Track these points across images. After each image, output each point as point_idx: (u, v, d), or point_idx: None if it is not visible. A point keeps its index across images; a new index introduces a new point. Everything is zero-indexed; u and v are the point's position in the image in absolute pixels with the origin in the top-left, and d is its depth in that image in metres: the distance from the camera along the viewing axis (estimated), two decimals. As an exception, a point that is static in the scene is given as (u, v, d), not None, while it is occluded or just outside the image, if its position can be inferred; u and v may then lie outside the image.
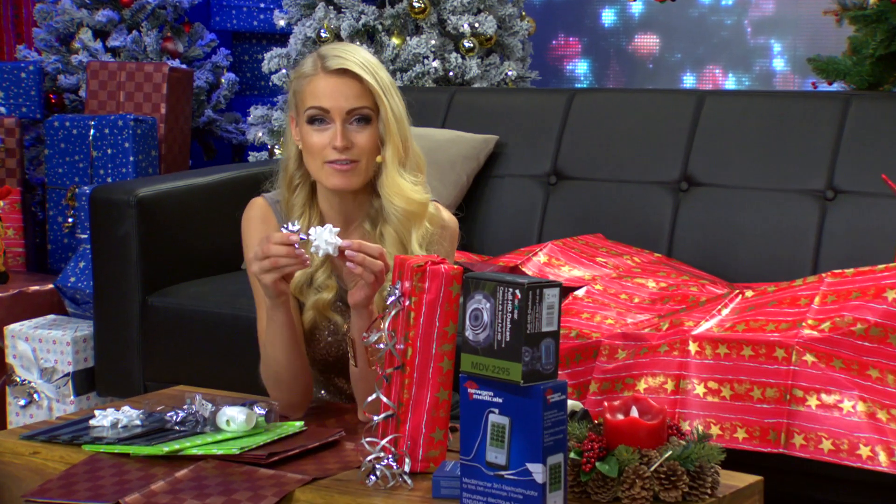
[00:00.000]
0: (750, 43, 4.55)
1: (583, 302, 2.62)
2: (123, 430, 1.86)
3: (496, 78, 4.11)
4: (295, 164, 2.01)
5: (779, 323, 2.29)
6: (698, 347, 2.29)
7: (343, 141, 1.92)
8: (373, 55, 1.98)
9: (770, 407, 2.21)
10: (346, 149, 1.92)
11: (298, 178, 2.02)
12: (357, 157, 1.93)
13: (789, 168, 3.04)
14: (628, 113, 3.31)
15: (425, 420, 1.68)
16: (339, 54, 1.94)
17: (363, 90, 1.92)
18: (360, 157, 1.94)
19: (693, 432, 1.68)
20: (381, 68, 1.96)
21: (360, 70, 1.92)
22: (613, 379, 2.36)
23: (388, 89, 1.94)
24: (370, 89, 1.92)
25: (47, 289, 3.76)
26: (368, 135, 1.94)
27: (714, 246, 3.04)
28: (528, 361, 1.51)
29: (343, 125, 1.93)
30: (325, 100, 1.92)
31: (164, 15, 4.76)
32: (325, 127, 1.93)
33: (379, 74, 1.94)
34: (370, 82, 1.92)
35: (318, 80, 1.92)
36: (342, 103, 1.92)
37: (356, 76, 1.92)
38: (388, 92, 1.94)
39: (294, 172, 2.02)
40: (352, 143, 1.93)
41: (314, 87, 1.93)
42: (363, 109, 1.93)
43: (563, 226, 3.21)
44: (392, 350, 1.68)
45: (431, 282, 1.68)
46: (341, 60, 1.92)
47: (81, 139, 4.23)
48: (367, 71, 1.93)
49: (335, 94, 1.92)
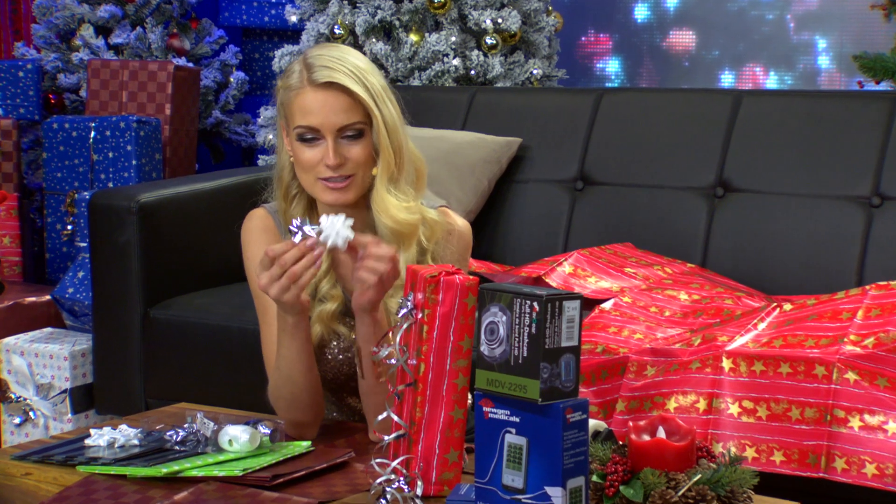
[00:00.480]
0: (793, 39, 4.54)
1: (610, 315, 2.62)
2: (120, 451, 1.87)
3: (520, 77, 4.12)
4: (290, 175, 2.02)
5: (819, 338, 2.28)
6: (732, 364, 2.29)
7: (336, 158, 1.92)
8: (363, 57, 1.97)
9: (809, 428, 2.20)
10: (339, 166, 1.93)
11: (295, 188, 2.02)
12: (352, 171, 1.94)
13: (833, 173, 3.03)
14: (661, 114, 3.31)
15: (439, 440, 1.69)
16: (325, 64, 1.92)
17: (353, 103, 1.92)
18: (354, 171, 1.94)
19: (725, 454, 1.67)
20: (372, 73, 1.95)
21: (349, 82, 1.91)
22: (642, 397, 2.35)
23: (380, 97, 1.94)
24: (361, 101, 1.92)
25: (44, 300, 3.79)
26: (362, 147, 1.94)
27: (751, 256, 3.03)
28: (547, 378, 1.51)
29: (335, 141, 1.93)
30: (314, 117, 1.92)
31: (169, 10, 4.79)
32: (315, 144, 1.93)
33: (370, 81, 1.93)
34: (361, 94, 1.91)
35: (306, 94, 1.92)
36: (332, 119, 1.92)
37: (345, 89, 1.91)
38: (380, 101, 1.93)
39: (290, 183, 2.02)
40: (345, 158, 1.93)
41: (302, 103, 1.92)
42: (355, 125, 1.93)
43: (589, 234, 3.21)
44: (404, 366, 1.69)
45: (445, 293, 1.68)
46: (329, 72, 1.91)
47: (82, 142, 4.25)
48: (357, 81, 1.91)
49: (324, 110, 1.91)
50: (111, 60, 4.51)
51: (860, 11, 4.25)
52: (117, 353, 3.15)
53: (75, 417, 3.38)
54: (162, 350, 3.10)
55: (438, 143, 3.35)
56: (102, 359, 3.20)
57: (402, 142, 1.97)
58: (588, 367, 2.43)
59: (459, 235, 2.04)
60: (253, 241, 2.05)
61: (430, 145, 3.33)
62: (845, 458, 2.17)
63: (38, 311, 3.77)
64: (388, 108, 1.94)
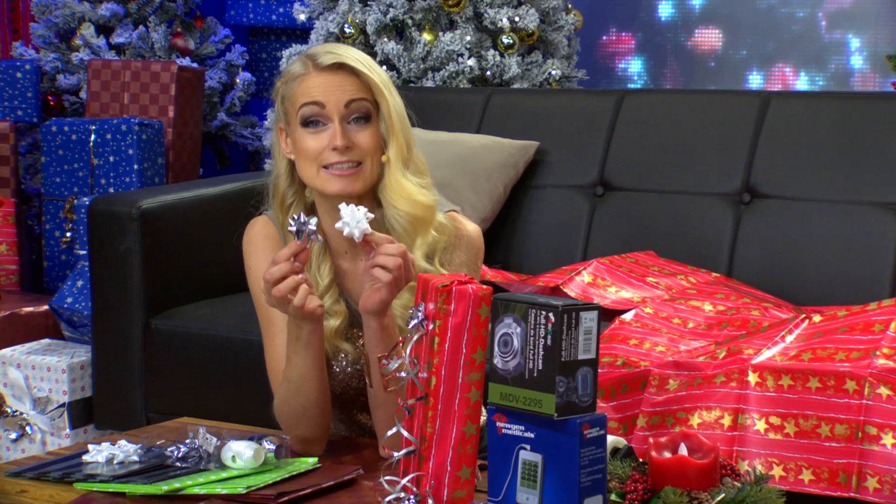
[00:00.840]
0: (824, 38, 4.54)
1: (630, 327, 2.62)
2: (119, 467, 1.88)
3: (538, 78, 4.12)
4: (286, 181, 2.02)
5: (850, 351, 2.28)
6: (759, 378, 2.29)
7: (343, 139, 1.93)
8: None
9: (840, 445, 2.20)
10: (347, 149, 1.93)
11: (291, 195, 2.03)
12: (360, 157, 1.95)
13: (865, 178, 3.03)
14: (685, 116, 3.32)
15: (451, 457, 1.69)
16: (330, 50, 1.97)
17: (361, 84, 1.95)
18: (363, 157, 1.95)
19: (750, 473, 1.67)
20: (377, 66, 1.99)
21: (356, 64, 1.95)
22: (663, 412, 2.35)
23: (387, 85, 1.97)
24: (369, 83, 1.95)
25: (42, 310, 3.80)
26: (370, 133, 1.95)
27: (779, 265, 3.03)
28: (563, 392, 1.52)
29: (342, 123, 1.94)
30: (321, 94, 1.93)
31: (173, 8, 4.81)
32: (320, 129, 1.94)
33: (375, 70, 1.97)
34: (368, 75, 1.95)
35: (311, 77, 1.95)
36: (339, 96, 1.93)
37: (353, 70, 1.95)
38: (388, 87, 1.97)
39: (286, 191, 2.03)
40: (353, 142, 1.94)
41: (307, 86, 1.94)
42: (363, 102, 1.94)
43: (610, 242, 3.21)
44: (414, 379, 1.69)
45: (458, 303, 1.68)
46: (335, 56, 1.95)
47: (81, 145, 4.28)
48: (363, 65, 1.95)
49: (331, 87, 1.94)
50: (112, 61, 4.53)
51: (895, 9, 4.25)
52: (117, 365, 3.17)
53: (73, 432, 3.39)
54: (163, 362, 3.11)
55: (453, 147, 3.36)
56: (102, 371, 3.21)
57: (410, 133, 1.99)
58: (607, 381, 2.43)
59: (469, 241, 2.04)
60: (255, 250, 2.06)
61: (444, 149, 3.34)
62: (877, 477, 2.16)
63: (35, 321, 3.79)
64: (394, 97, 1.97)
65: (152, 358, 3.12)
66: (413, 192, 1.96)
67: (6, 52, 5.08)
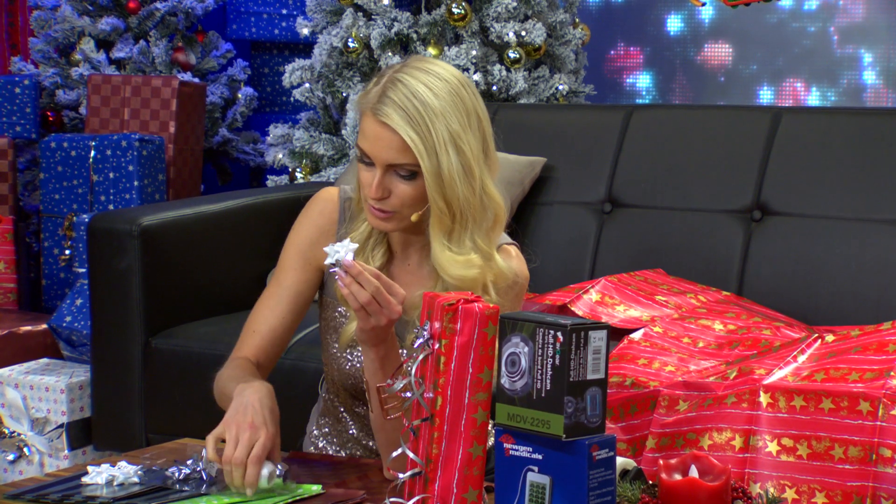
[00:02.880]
0: (836, 53, 4.54)
1: (640, 346, 2.62)
2: (119, 489, 1.87)
3: (545, 93, 4.13)
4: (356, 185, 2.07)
5: (864, 372, 2.28)
6: (771, 399, 2.28)
7: (378, 192, 1.94)
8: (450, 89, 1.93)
9: (853, 468, 2.19)
10: (381, 199, 1.95)
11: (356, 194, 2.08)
12: (394, 208, 1.96)
13: (879, 196, 3.03)
14: (694, 132, 3.32)
15: (457, 479, 1.69)
16: (394, 98, 1.92)
17: (406, 145, 1.92)
18: (398, 208, 1.96)
19: (762, 496, 1.67)
20: (444, 114, 1.91)
21: (403, 127, 1.90)
22: (673, 434, 2.35)
23: (441, 144, 1.91)
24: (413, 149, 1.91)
25: (40, 329, 3.81)
26: (412, 188, 1.95)
27: (790, 283, 3.03)
28: (572, 413, 1.52)
29: (384, 174, 1.94)
30: (370, 146, 1.94)
31: (174, 23, 4.82)
32: (371, 168, 1.96)
33: (434, 128, 1.91)
34: (412, 141, 1.90)
35: (368, 120, 1.94)
36: (384, 155, 1.93)
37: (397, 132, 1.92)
38: (440, 147, 1.91)
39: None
40: (389, 192, 1.95)
41: (364, 125, 1.95)
42: (405, 166, 1.93)
43: (618, 260, 3.21)
44: (420, 399, 1.69)
45: (464, 322, 1.68)
46: (389, 111, 1.91)
47: (81, 161, 4.28)
48: (414, 126, 1.90)
49: (379, 143, 1.93)
50: (112, 76, 4.54)
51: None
52: (117, 385, 3.17)
53: (72, 454, 3.39)
54: (164, 382, 3.11)
55: (458, 164, 3.36)
56: (101, 391, 3.21)
57: (460, 194, 1.93)
58: (616, 402, 2.43)
59: (521, 287, 2.07)
60: (305, 220, 2.10)
61: (449, 165, 3.34)
62: (892, 500, 2.16)
63: (33, 340, 3.79)
64: (448, 157, 1.91)
65: (152, 378, 3.12)
66: (450, 266, 1.96)
67: (5, 68, 5.09)
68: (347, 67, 4.20)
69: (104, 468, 1.92)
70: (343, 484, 1.94)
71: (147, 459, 1.97)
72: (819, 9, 4.55)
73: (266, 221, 3.30)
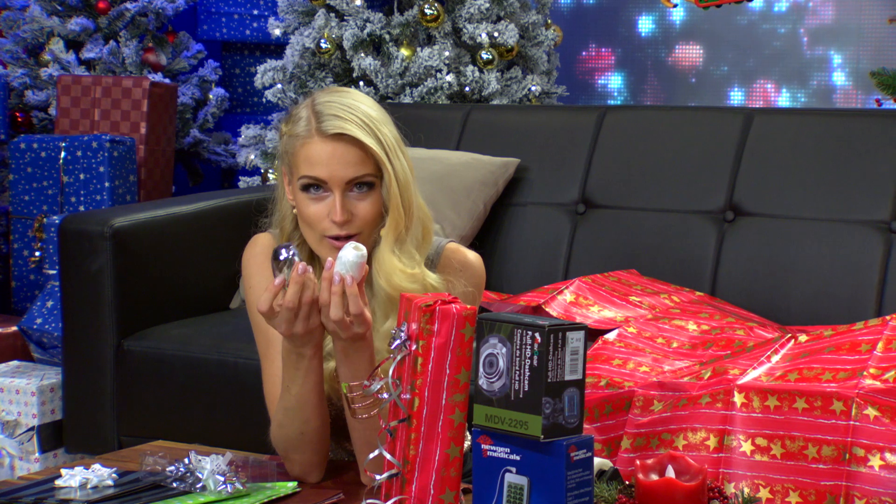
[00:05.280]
0: (806, 54, 4.57)
1: (614, 346, 2.62)
2: (94, 492, 1.86)
3: (518, 94, 4.14)
4: (291, 225, 2.01)
5: (836, 372, 2.29)
6: (745, 399, 2.29)
7: (343, 215, 1.91)
8: (376, 105, 1.96)
9: (827, 467, 2.20)
10: (345, 222, 1.92)
11: (298, 238, 2.01)
12: (358, 229, 1.93)
13: (850, 196, 3.05)
14: (667, 133, 3.33)
15: (434, 480, 1.68)
16: (336, 113, 1.91)
17: (364, 155, 1.91)
18: (361, 228, 1.94)
19: (738, 495, 1.68)
20: (385, 123, 1.94)
21: (361, 133, 1.90)
22: (648, 434, 2.36)
23: (392, 150, 1.93)
24: (373, 154, 1.91)
25: (10, 331, 3.79)
26: (371, 202, 1.93)
27: (763, 284, 3.04)
28: (550, 414, 1.52)
29: (343, 195, 1.92)
30: (322, 169, 1.91)
31: (145, 23, 4.80)
32: (321, 195, 1.93)
33: (383, 133, 1.92)
34: (373, 147, 1.90)
35: (313, 144, 1.91)
36: (341, 173, 1.91)
37: (356, 141, 1.90)
38: (392, 154, 1.92)
39: (291, 234, 2.01)
40: (352, 214, 1.93)
41: (308, 153, 1.91)
42: (365, 177, 1.92)
43: (592, 260, 3.22)
44: (397, 400, 1.69)
45: (441, 323, 1.68)
46: (339, 122, 1.90)
47: (51, 162, 4.26)
48: (369, 133, 1.91)
49: (332, 161, 1.90)
50: (82, 76, 4.52)
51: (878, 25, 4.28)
52: (89, 387, 3.15)
53: (43, 457, 3.37)
54: (136, 384, 3.10)
55: (431, 165, 3.37)
56: (73, 394, 3.19)
57: (412, 198, 1.95)
58: (591, 402, 2.44)
59: (472, 272, 2.04)
60: (257, 269, 2.04)
61: (423, 166, 3.34)
62: (865, 499, 2.17)
63: (3, 342, 3.77)
64: (400, 161, 1.93)
65: (125, 380, 3.11)
66: (397, 277, 1.93)
67: (-27, 68, 5.06)
68: (320, 68, 4.19)
69: (78, 471, 1.90)
70: (319, 486, 1.93)
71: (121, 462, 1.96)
72: (789, 10, 4.57)
73: (239, 223, 3.28)
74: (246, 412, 2.89)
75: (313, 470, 1.95)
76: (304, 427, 1.90)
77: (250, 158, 4.36)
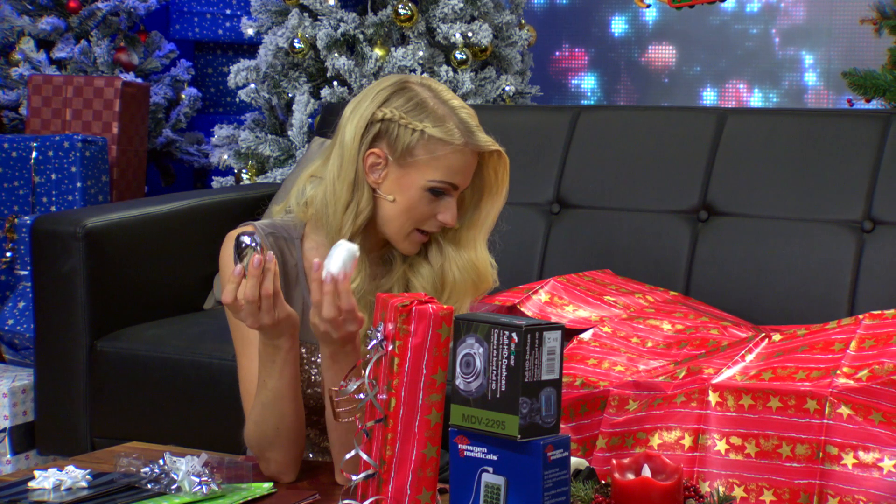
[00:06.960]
0: (778, 55, 4.60)
1: (589, 346, 2.63)
2: (67, 494, 1.86)
3: (492, 94, 4.14)
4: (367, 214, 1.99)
5: (810, 371, 2.30)
6: (719, 398, 2.30)
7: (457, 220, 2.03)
8: None
9: (800, 466, 2.21)
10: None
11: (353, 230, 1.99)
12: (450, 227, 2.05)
13: (822, 196, 3.06)
14: (641, 133, 3.34)
15: (410, 480, 1.69)
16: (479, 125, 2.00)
17: None
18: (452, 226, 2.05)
19: (713, 494, 1.68)
20: None
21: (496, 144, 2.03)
22: (623, 433, 2.36)
23: None
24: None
25: (-18, 332, 3.77)
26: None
27: (737, 283, 3.05)
28: (527, 413, 1.52)
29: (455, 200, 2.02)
30: (462, 178, 2.00)
31: (116, 23, 4.78)
32: (441, 199, 2.00)
33: None
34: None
35: (464, 156, 1.98)
36: (467, 182, 2.03)
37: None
38: None
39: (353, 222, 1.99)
40: None
41: (454, 161, 1.98)
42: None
43: (566, 260, 3.22)
44: (373, 400, 1.69)
45: (418, 324, 1.68)
46: (488, 139, 2.00)
47: (22, 163, 4.24)
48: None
49: (468, 172, 2.01)
50: (54, 76, 4.50)
51: (849, 26, 4.31)
52: (61, 388, 3.14)
53: (15, 458, 3.36)
54: (109, 385, 3.09)
55: (405, 164, 3.36)
56: (45, 395, 3.18)
57: None
58: (566, 402, 2.44)
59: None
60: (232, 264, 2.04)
61: (397, 166, 3.34)
62: (839, 497, 2.18)
63: (-26, 344, 3.75)
64: None
65: (98, 381, 3.09)
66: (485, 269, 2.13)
67: (-57, 67, 5.03)
68: (293, 68, 4.18)
69: (51, 472, 1.89)
70: (295, 486, 1.93)
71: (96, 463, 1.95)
72: (761, 11, 4.60)
73: (212, 223, 3.29)
74: (220, 413, 2.88)
75: (288, 469, 1.94)
76: (280, 423, 1.90)
77: (223, 158, 4.35)
